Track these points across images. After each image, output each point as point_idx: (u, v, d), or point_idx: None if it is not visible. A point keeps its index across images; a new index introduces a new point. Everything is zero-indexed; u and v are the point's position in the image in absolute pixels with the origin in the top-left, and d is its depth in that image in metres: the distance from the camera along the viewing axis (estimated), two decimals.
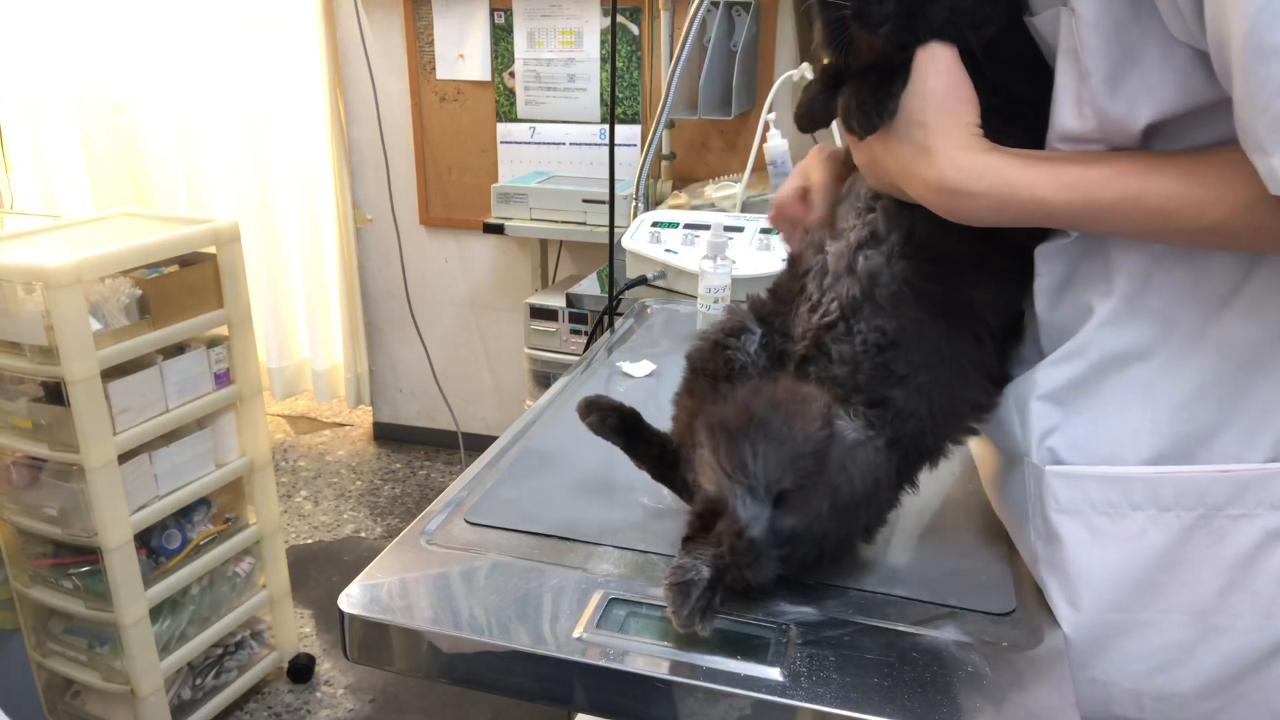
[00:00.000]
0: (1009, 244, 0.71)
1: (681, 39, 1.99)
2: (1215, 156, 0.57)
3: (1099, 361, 0.68)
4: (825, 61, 0.72)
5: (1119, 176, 0.59)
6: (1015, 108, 0.66)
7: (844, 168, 0.83)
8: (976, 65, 0.65)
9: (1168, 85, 0.58)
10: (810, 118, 0.73)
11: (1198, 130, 0.60)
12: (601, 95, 2.71)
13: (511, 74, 2.77)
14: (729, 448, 0.70)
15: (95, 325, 1.57)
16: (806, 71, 1.95)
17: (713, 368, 0.82)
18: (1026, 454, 0.72)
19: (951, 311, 0.72)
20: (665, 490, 0.89)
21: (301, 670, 2.16)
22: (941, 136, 0.64)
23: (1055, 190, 0.61)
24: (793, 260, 0.84)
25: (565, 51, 2.70)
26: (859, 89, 0.67)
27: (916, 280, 0.72)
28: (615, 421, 0.85)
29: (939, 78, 0.64)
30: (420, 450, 3.30)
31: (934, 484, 0.95)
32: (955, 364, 0.72)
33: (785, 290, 0.82)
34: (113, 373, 1.61)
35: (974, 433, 0.76)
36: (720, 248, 1.34)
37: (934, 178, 0.64)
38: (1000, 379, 0.74)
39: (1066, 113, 0.62)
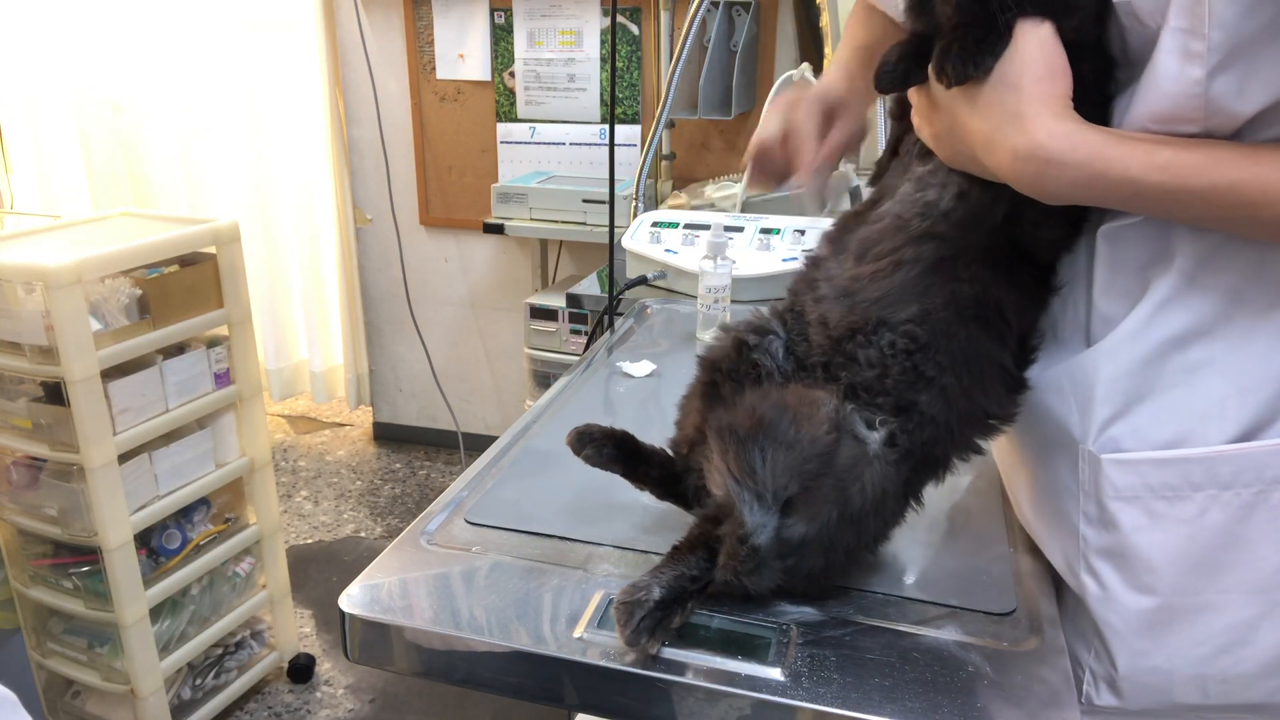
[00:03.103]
0: (1036, 245, 0.71)
1: (681, 39, 1.99)
2: None
3: (1160, 343, 0.67)
4: (914, 28, 0.71)
5: (1215, 164, 0.58)
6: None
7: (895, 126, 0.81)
8: None
9: None
10: (892, 79, 0.72)
11: None
12: (601, 95, 2.71)
13: (511, 74, 2.77)
14: (738, 452, 0.69)
15: (95, 325, 1.57)
16: (806, 72, 1.95)
17: (740, 369, 0.80)
18: (1083, 441, 0.71)
19: (982, 313, 0.71)
20: None
21: (301, 670, 2.16)
22: (1037, 103, 0.62)
23: (1148, 170, 0.59)
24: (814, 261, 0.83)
25: (565, 51, 2.70)
26: (960, 39, 0.65)
27: (949, 282, 0.71)
28: (611, 450, 0.83)
29: (1039, 47, 0.63)
30: (420, 450, 3.30)
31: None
32: (979, 367, 0.71)
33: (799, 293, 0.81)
34: (113, 373, 1.61)
35: (979, 450, 0.76)
36: (720, 248, 1.34)
37: (1024, 144, 0.62)
38: (1016, 388, 0.74)
39: (1165, 93, 0.60)
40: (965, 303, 0.71)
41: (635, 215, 1.92)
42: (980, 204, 0.70)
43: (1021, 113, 0.62)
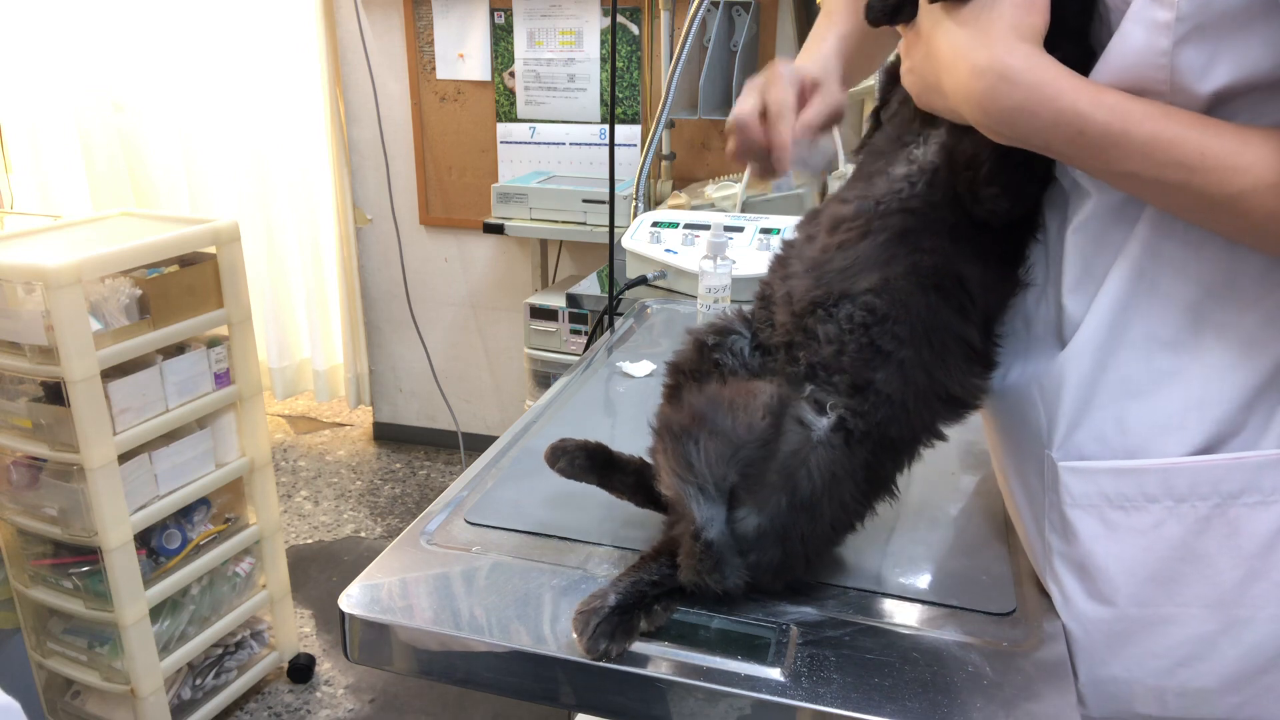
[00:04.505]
0: (979, 206, 0.70)
1: (681, 39, 1.99)
2: (1261, 132, 0.57)
3: (1124, 350, 0.67)
4: None
5: (1163, 115, 0.58)
6: None
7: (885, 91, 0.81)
8: None
9: (1254, 48, 0.57)
10: (883, 7, 0.72)
11: (1260, 108, 0.58)
12: (601, 95, 2.71)
13: (511, 74, 2.77)
14: (674, 448, 0.70)
15: (95, 325, 1.57)
16: None
17: (702, 370, 0.81)
18: (1047, 448, 0.71)
19: (942, 284, 0.71)
20: None
21: (301, 670, 2.16)
22: (1008, 25, 0.63)
23: (1096, 107, 0.60)
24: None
25: (565, 51, 2.70)
26: None
27: (911, 252, 0.72)
28: (584, 461, 0.85)
29: None
30: (420, 450, 3.30)
31: (934, 484, 0.95)
32: (938, 339, 0.71)
33: (769, 286, 0.82)
34: (113, 373, 1.61)
35: (941, 435, 0.75)
36: (720, 248, 1.34)
37: (985, 57, 0.63)
38: (981, 365, 0.74)
39: (1130, 64, 0.60)
40: (925, 272, 0.71)
41: (635, 215, 1.92)
42: (945, 170, 0.70)
43: (992, 31, 0.63)
